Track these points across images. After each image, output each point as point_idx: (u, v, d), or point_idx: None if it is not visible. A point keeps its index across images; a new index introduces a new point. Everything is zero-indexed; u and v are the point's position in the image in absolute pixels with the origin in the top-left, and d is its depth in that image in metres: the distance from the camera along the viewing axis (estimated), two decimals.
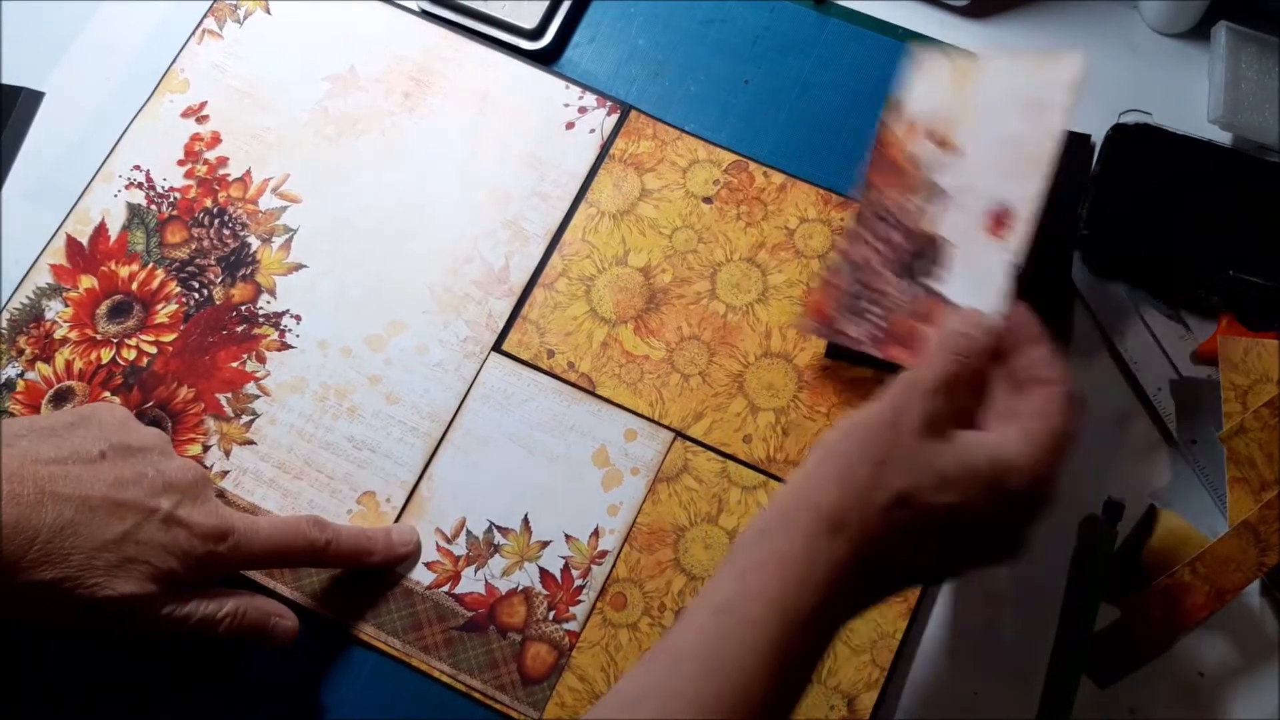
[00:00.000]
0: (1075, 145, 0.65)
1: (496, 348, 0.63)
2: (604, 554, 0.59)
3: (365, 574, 0.59)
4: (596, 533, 0.60)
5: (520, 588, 0.59)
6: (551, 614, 0.58)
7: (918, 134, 0.57)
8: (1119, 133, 0.63)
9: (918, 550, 0.45)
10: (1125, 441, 0.61)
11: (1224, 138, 0.64)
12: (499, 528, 0.60)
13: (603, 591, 0.59)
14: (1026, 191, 0.52)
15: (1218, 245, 0.61)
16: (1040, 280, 0.62)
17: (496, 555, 0.60)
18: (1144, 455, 0.60)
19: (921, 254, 0.54)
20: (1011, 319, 0.49)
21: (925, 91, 0.58)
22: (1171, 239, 0.61)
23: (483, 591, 0.59)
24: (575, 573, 0.59)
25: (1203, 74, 0.66)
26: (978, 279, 0.52)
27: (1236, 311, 0.61)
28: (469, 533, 0.60)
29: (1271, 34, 0.65)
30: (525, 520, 0.60)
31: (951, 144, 0.56)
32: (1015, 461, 0.45)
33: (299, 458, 0.61)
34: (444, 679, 0.57)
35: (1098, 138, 0.64)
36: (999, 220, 0.53)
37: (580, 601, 0.59)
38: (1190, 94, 0.65)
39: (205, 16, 0.70)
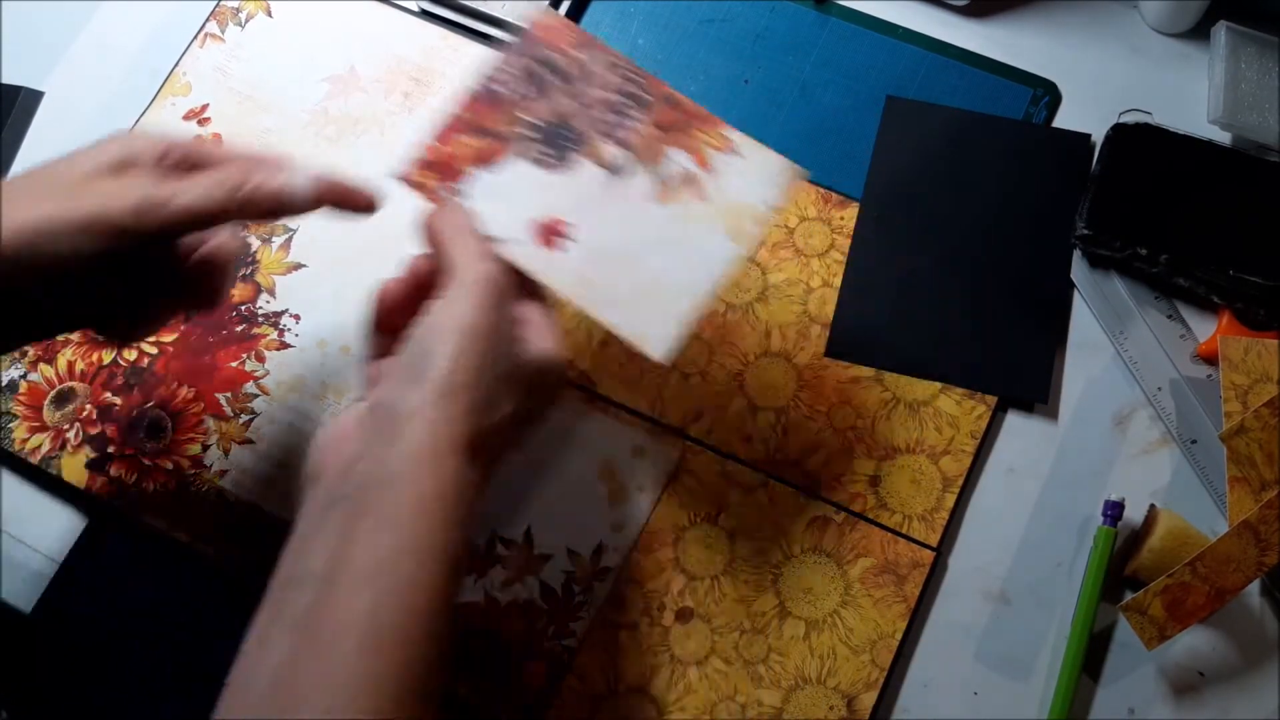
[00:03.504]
0: (1075, 144, 0.65)
1: None
2: (606, 570, 0.59)
3: None
4: (600, 550, 0.59)
5: (520, 601, 0.59)
6: (551, 629, 0.58)
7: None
8: (1119, 132, 0.63)
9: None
10: (1125, 441, 0.60)
11: (1224, 137, 0.64)
12: (501, 539, 0.60)
13: (604, 606, 0.59)
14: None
15: (1218, 245, 0.61)
16: (1039, 279, 0.63)
17: (497, 566, 0.59)
18: (1144, 455, 0.60)
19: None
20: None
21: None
22: (1171, 238, 0.61)
23: (481, 602, 0.59)
24: (576, 589, 0.59)
25: (1203, 74, 0.66)
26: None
27: (1237, 311, 0.61)
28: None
29: (1271, 34, 0.65)
30: (528, 533, 0.60)
31: None
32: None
33: (298, 457, 0.61)
34: None
35: (1098, 137, 0.65)
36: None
37: (580, 618, 0.58)
38: (1190, 94, 0.65)
39: (208, 20, 0.70)
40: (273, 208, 0.49)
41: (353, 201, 0.52)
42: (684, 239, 0.52)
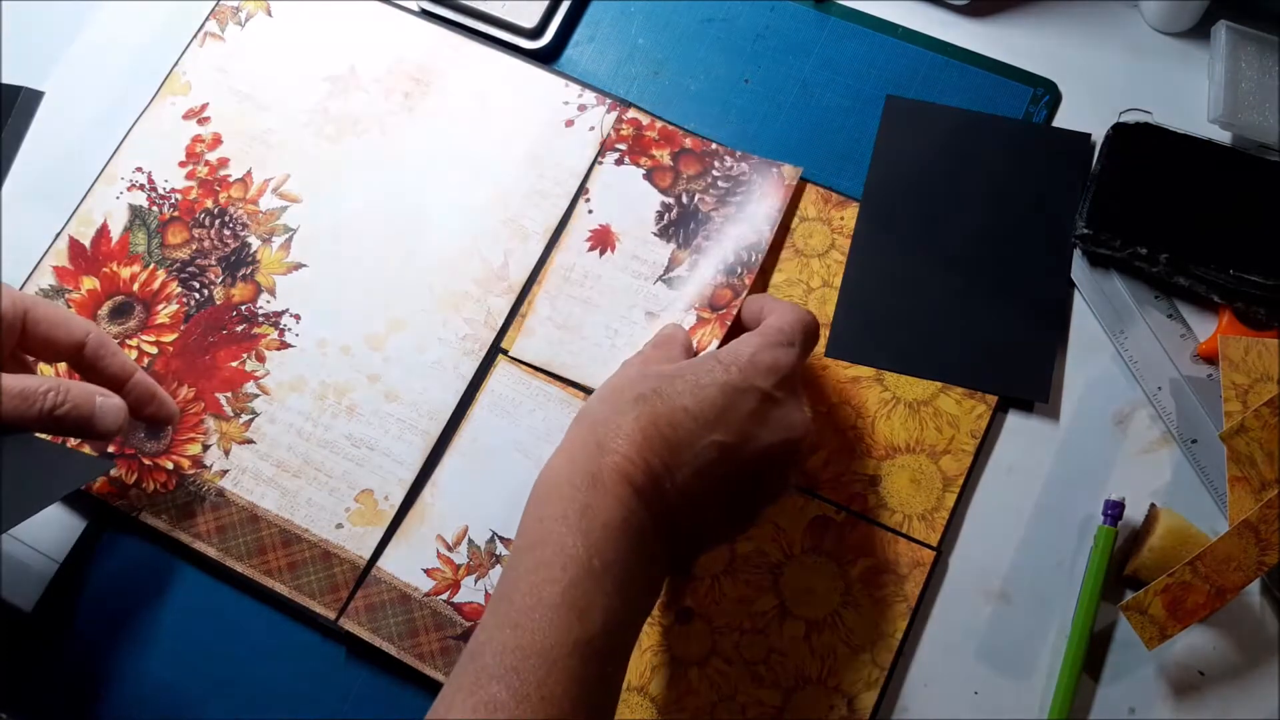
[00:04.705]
0: (1075, 144, 0.65)
1: (496, 345, 0.63)
2: None
3: (362, 576, 0.59)
4: None
5: None
6: None
7: None
8: (1119, 131, 0.63)
9: (688, 447, 0.49)
10: (1125, 441, 0.60)
11: (1224, 137, 0.64)
12: (502, 538, 0.60)
13: None
14: None
15: (1218, 244, 0.61)
16: (1039, 279, 0.63)
17: (498, 565, 0.59)
18: (1144, 455, 0.60)
19: None
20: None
21: None
22: (1172, 238, 0.61)
23: (482, 602, 0.59)
24: None
25: (1203, 73, 0.66)
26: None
27: (1237, 310, 0.61)
28: (471, 541, 0.60)
29: (1271, 34, 0.65)
30: None
31: None
32: (736, 345, 0.52)
33: (298, 456, 0.61)
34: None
35: (1098, 136, 0.64)
36: None
37: None
38: (1190, 93, 0.65)
39: (207, 19, 0.70)
40: (79, 431, 0.53)
41: (157, 421, 0.59)
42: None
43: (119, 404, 0.54)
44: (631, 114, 0.66)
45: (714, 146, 0.65)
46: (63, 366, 0.62)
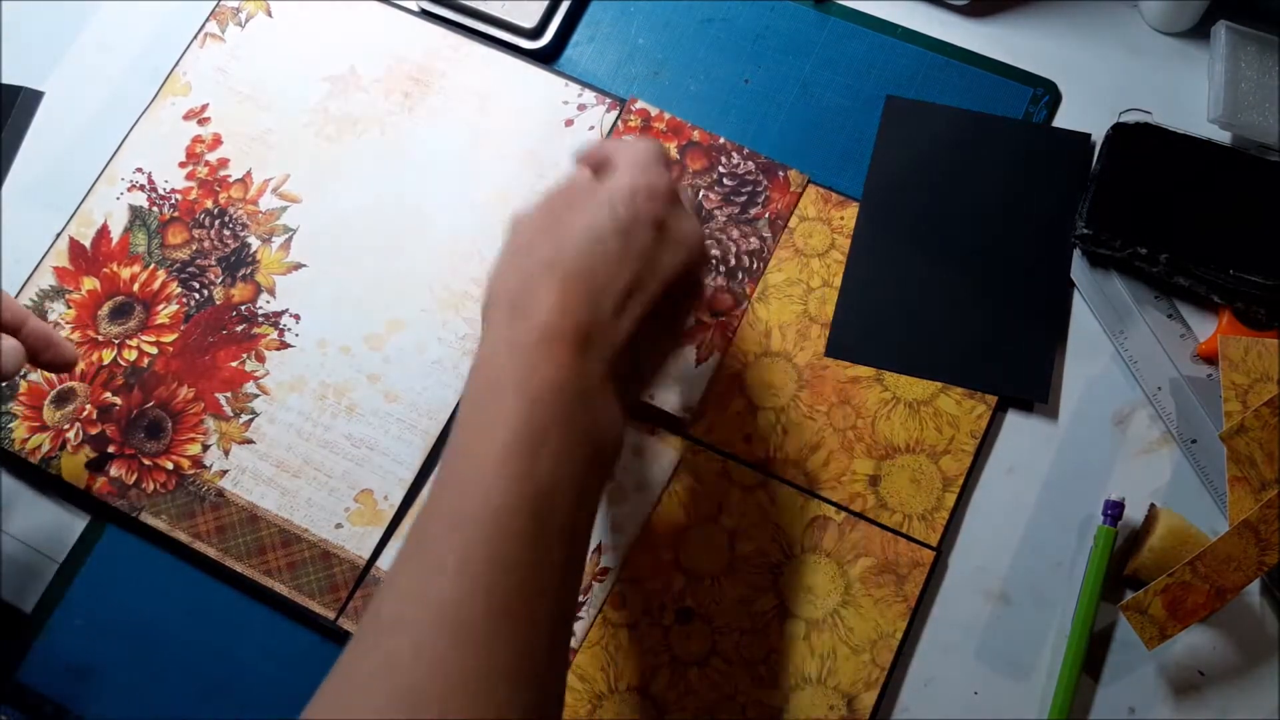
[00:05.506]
0: (1075, 144, 0.65)
1: None
2: (605, 571, 0.59)
3: (362, 576, 0.59)
4: (599, 550, 0.59)
5: None
6: None
7: None
8: (1119, 131, 0.63)
9: (605, 291, 0.48)
10: (1125, 441, 0.60)
11: (1224, 137, 0.64)
12: None
13: (604, 606, 0.59)
14: None
15: (1218, 244, 0.61)
16: (1039, 279, 0.63)
17: None
18: (1144, 455, 0.60)
19: None
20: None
21: None
22: (1172, 238, 0.61)
23: None
24: None
25: (1203, 73, 0.66)
26: None
27: (1237, 310, 0.61)
28: None
29: (1271, 34, 0.65)
30: None
31: None
32: (612, 182, 0.51)
33: (298, 456, 0.61)
34: None
35: (1098, 136, 0.65)
36: None
37: (580, 618, 0.58)
38: (1190, 93, 0.65)
39: (207, 20, 0.70)
40: None
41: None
42: None
43: (15, 345, 0.54)
44: (639, 105, 0.66)
45: (721, 141, 0.65)
46: None
